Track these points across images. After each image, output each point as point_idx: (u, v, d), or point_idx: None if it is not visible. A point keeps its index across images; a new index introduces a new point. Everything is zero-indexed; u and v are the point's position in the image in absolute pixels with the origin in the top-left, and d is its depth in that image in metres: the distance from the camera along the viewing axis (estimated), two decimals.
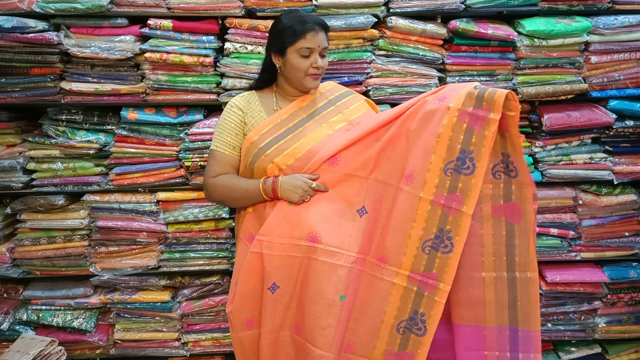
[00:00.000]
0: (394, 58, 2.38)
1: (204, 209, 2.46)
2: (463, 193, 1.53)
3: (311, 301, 1.65)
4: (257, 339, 1.77)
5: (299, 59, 1.75)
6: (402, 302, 1.60)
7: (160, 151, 2.42)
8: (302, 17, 1.78)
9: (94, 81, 2.35)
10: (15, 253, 2.50)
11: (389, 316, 1.61)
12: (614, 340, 2.71)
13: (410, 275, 1.59)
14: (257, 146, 1.77)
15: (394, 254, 1.60)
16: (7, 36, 2.21)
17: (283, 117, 1.81)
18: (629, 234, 2.56)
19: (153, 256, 2.52)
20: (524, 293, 1.60)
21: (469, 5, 2.32)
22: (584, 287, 2.55)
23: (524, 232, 1.58)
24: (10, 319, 2.55)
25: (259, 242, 1.69)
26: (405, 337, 1.61)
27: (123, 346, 2.63)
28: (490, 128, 1.50)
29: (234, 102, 1.85)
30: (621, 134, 2.44)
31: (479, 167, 1.52)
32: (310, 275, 1.65)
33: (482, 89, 1.53)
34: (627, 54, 2.39)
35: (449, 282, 1.56)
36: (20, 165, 2.41)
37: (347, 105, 1.88)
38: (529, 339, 1.62)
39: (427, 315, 1.58)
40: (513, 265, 1.59)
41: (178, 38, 2.31)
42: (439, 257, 1.56)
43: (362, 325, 1.64)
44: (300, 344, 1.70)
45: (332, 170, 1.71)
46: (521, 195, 1.57)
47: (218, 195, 1.82)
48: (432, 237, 1.56)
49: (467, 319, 1.63)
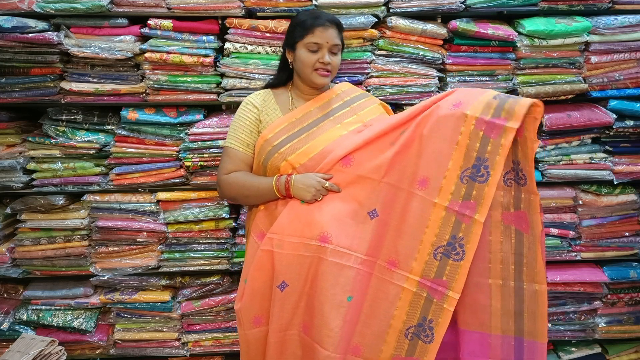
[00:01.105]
0: (394, 58, 2.38)
1: (204, 209, 2.46)
2: (477, 201, 1.52)
3: (319, 301, 1.65)
4: (263, 337, 1.77)
5: (307, 54, 1.77)
6: (412, 307, 1.59)
7: (160, 151, 2.42)
8: (316, 13, 1.81)
9: (94, 81, 2.35)
10: (15, 253, 2.50)
11: (398, 321, 1.60)
12: (614, 340, 2.71)
13: (420, 280, 1.57)
14: (271, 144, 1.77)
15: (404, 258, 1.59)
16: (7, 36, 2.21)
17: (298, 116, 1.81)
18: (629, 234, 2.56)
19: (153, 256, 2.52)
20: (532, 304, 1.58)
21: (469, 5, 2.32)
22: (584, 287, 2.55)
23: (532, 242, 1.57)
24: (10, 319, 2.55)
25: (270, 240, 1.69)
26: (413, 343, 1.59)
27: (123, 346, 2.63)
28: (507, 137, 1.48)
29: (249, 100, 1.86)
30: (621, 134, 2.44)
31: (493, 175, 1.51)
32: (319, 276, 1.65)
33: (502, 100, 1.51)
34: (627, 54, 2.39)
35: (459, 290, 1.55)
36: (20, 165, 2.41)
37: (362, 107, 1.87)
38: (535, 350, 1.60)
39: (434, 322, 1.57)
40: (521, 275, 1.58)
41: (178, 38, 2.31)
42: (450, 265, 1.54)
43: (369, 328, 1.64)
44: (307, 343, 1.70)
45: (345, 170, 1.71)
46: (529, 204, 1.56)
47: (230, 192, 1.82)
48: (444, 243, 1.55)
49: (473, 325, 1.63)
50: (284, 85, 1.92)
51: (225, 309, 2.59)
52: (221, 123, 2.39)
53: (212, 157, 2.38)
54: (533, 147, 1.51)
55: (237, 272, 2.54)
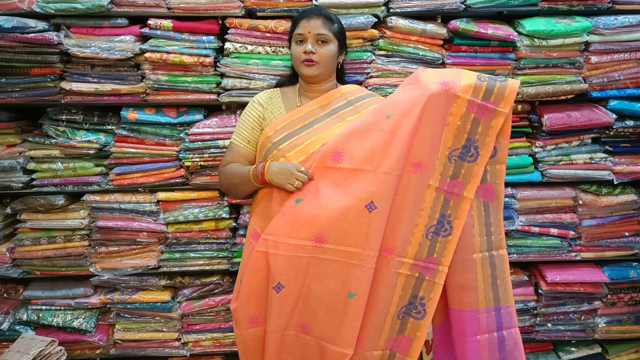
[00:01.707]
0: (394, 58, 2.38)
1: (204, 209, 2.46)
2: (465, 179, 1.56)
3: (321, 300, 1.66)
4: (261, 336, 1.78)
5: (295, 46, 1.82)
6: (404, 290, 1.62)
7: (160, 151, 2.42)
8: (307, 8, 1.87)
9: (94, 81, 2.35)
10: (15, 253, 2.50)
11: (393, 306, 1.63)
12: (614, 340, 2.71)
13: (414, 262, 1.61)
14: (271, 141, 1.79)
15: (401, 244, 1.62)
16: (7, 36, 2.20)
17: (300, 114, 1.82)
18: (629, 234, 2.56)
19: (153, 256, 2.52)
20: (501, 271, 1.64)
21: (469, 5, 2.31)
22: (584, 287, 2.55)
23: (497, 211, 1.63)
24: (10, 319, 2.55)
25: (265, 241, 1.70)
26: (404, 321, 1.63)
27: (123, 346, 2.63)
28: (498, 119, 1.55)
29: (256, 98, 1.92)
30: (621, 134, 2.44)
31: (482, 154, 1.56)
32: (318, 274, 1.66)
33: (490, 82, 1.56)
34: (627, 54, 2.39)
35: (447, 264, 1.60)
36: (20, 165, 2.41)
37: (366, 106, 1.85)
38: (509, 314, 1.66)
39: (427, 298, 1.61)
40: (491, 244, 1.63)
41: (178, 38, 2.31)
42: (439, 242, 1.59)
43: (370, 318, 1.65)
44: (309, 342, 1.71)
45: (337, 166, 1.67)
46: (496, 174, 1.61)
47: (223, 181, 1.92)
48: (435, 222, 1.59)
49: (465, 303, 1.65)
50: (293, 85, 1.95)
51: (225, 309, 2.59)
52: (221, 123, 2.39)
53: (212, 157, 2.38)
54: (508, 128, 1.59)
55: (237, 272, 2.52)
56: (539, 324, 2.64)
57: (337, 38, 1.83)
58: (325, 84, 1.89)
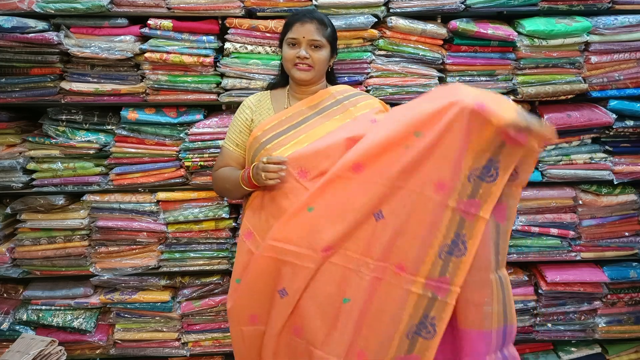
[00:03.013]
0: (394, 58, 2.38)
1: (204, 209, 2.46)
2: (482, 199, 1.51)
3: (314, 301, 1.64)
4: (260, 335, 1.77)
5: (287, 50, 1.80)
6: (415, 309, 1.58)
7: (160, 151, 2.42)
8: (301, 11, 1.86)
9: (94, 81, 2.35)
10: (15, 253, 2.50)
11: (403, 324, 1.59)
12: (614, 340, 2.71)
13: (426, 282, 1.56)
14: (259, 141, 1.78)
15: (412, 262, 1.57)
16: (7, 36, 2.20)
17: (288, 114, 1.81)
18: (629, 234, 2.56)
19: (153, 256, 2.52)
20: (508, 290, 1.63)
21: (469, 5, 2.32)
22: (584, 287, 2.55)
23: (505, 233, 1.60)
24: (10, 319, 2.55)
25: (272, 247, 1.67)
26: (413, 340, 1.58)
27: (123, 346, 2.63)
28: (527, 150, 1.48)
29: (245, 101, 1.92)
30: (621, 134, 2.44)
31: (502, 175, 1.50)
32: (317, 278, 1.64)
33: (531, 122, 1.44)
34: (627, 54, 2.39)
35: (459, 284, 1.55)
36: (20, 165, 2.41)
37: (355, 103, 1.83)
38: (511, 333, 1.66)
39: (437, 318, 1.56)
40: (498, 264, 1.61)
41: (178, 38, 2.31)
42: (453, 261, 1.54)
43: (375, 332, 1.61)
44: (300, 345, 1.69)
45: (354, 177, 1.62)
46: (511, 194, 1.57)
47: (216, 186, 1.93)
48: (449, 242, 1.54)
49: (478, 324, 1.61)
50: (283, 87, 1.94)
51: (225, 309, 2.59)
52: (221, 123, 2.39)
53: (212, 157, 2.38)
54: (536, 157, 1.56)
55: None
56: (539, 324, 2.64)
57: (330, 42, 1.82)
58: (315, 86, 1.87)
